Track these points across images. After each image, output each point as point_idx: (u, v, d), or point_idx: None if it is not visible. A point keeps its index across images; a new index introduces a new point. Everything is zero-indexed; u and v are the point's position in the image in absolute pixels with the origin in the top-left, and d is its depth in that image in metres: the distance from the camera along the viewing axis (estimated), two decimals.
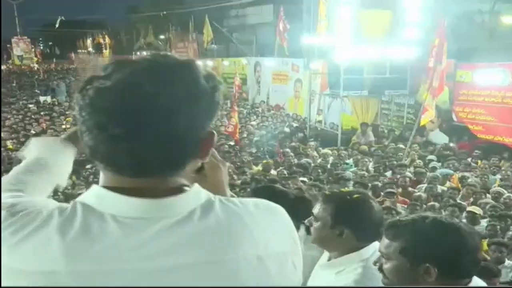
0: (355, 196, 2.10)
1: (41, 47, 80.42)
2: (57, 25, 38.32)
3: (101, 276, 0.84)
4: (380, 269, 1.75)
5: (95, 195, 0.92)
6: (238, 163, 10.72)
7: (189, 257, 0.88)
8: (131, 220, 0.88)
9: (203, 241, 0.90)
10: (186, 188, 0.95)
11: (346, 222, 2.05)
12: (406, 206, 7.20)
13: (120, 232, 0.87)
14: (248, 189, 5.90)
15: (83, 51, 71.99)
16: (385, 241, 1.72)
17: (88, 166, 9.34)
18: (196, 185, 0.97)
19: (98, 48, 66.40)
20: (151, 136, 0.87)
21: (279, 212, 1.06)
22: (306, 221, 2.18)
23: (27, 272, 0.83)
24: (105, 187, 0.93)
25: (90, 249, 0.85)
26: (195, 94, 0.90)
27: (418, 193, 7.83)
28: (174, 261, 0.87)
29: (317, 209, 2.13)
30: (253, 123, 17.84)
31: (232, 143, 13.44)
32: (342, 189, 2.31)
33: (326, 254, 2.20)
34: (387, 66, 13.90)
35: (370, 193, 7.72)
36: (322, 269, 2.16)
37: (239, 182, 8.79)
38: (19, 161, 1.08)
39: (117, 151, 0.88)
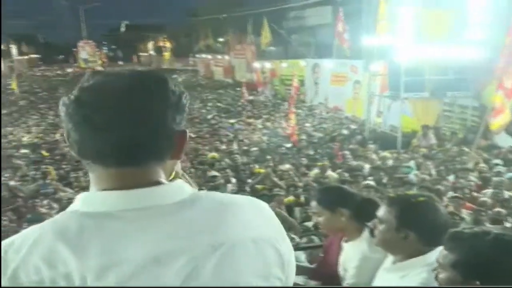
0: (421, 198, 2.06)
1: (105, 50, 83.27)
2: (122, 29, 39.52)
3: (113, 268, 0.90)
4: (436, 278, 1.73)
5: (82, 200, 1.00)
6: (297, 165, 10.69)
7: (187, 241, 0.96)
8: (122, 213, 0.96)
9: (198, 226, 0.98)
10: (168, 182, 1.05)
11: (411, 225, 2.02)
12: (471, 211, 6.96)
13: (116, 225, 0.94)
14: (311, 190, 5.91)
15: (144, 54, 74.08)
16: (443, 251, 1.69)
17: None
18: (179, 180, 1.08)
19: (159, 50, 68.10)
20: (130, 129, 0.97)
21: (263, 204, 1.13)
22: (370, 223, 2.16)
23: (44, 281, 0.89)
24: (97, 189, 1.02)
25: (94, 245, 0.91)
26: (165, 91, 1.03)
27: (483, 199, 7.53)
28: (174, 246, 0.95)
29: (382, 211, 2.11)
30: (311, 124, 17.78)
31: (289, 145, 13.44)
32: (407, 192, 2.26)
33: (390, 257, 2.17)
34: (449, 67, 13.50)
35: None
36: (387, 272, 2.13)
37: (300, 184, 8.81)
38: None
39: (102, 142, 0.97)
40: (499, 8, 12.25)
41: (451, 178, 9.13)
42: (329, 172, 9.63)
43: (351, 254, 2.43)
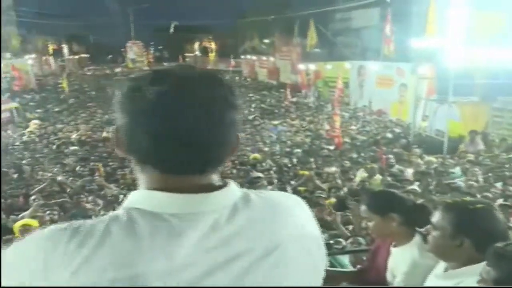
0: (479, 205, 2.01)
1: (152, 51, 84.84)
2: (171, 30, 40.14)
3: (176, 272, 0.88)
4: None
5: (142, 197, 0.97)
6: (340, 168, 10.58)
7: (245, 244, 0.95)
8: (185, 215, 0.94)
9: (254, 228, 0.98)
10: (221, 184, 1.03)
11: (467, 232, 1.96)
12: None
13: (181, 228, 0.92)
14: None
15: (190, 54, 75.00)
16: (486, 267, 1.63)
17: None
18: (231, 181, 1.04)
19: (204, 51, 68.81)
20: (204, 134, 0.95)
21: (302, 202, 1.14)
22: (423, 229, 2.11)
23: (110, 281, 0.85)
24: (149, 189, 0.98)
25: (163, 247, 0.89)
26: (236, 97, 1.00)
27: None
28: (235, 250, 0.94)
29: (436, 217, 2.05)
30: (354, 127, 17.59)
31: (331, 147, 13.33)
32: (464, 198, 2.20)
33: (442, 264, 2.12)
34: (500, 71, 13.12)
35: None
36: (438, 279, 2.08)
37: (343, 187, 8.72)
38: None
39: (165, 150, 0.94)
40: None
41: (499, 185, 8.85)
42: (376, 175, 9.50)
43: (400, 260, 2.38)
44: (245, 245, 0.95)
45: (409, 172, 10.00)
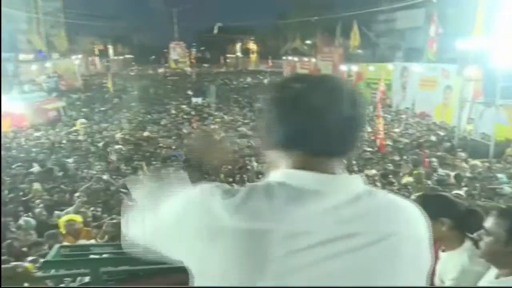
0: None
1: (194, 52, 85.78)
2: (215, 31, 40.60)
3: (296, 236, 1.06)
4: None
5: (285, 174, 1.16)
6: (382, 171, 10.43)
7: (363, 227, 1.10)
8: (320, 192, 1.11)
9: (373, 216, 1.12)
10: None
11: None
12: None
13: (314, 201, 1.10)
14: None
15: (232, 55, 75.52)
16: None
17: None
18: (358, 175, 1.21)
19: (246, 52, 69.16)
20: (338, 125, 1.13)
21: (419, 210, 1.24)
22: (475, 234, 2.07)
23: (242, 230, 1.06)
24: (290, 168, 1.17)
25: (294, 213, 1.07)
26: (360, 97, 1.18)
27: None
28: (354, 229, 1.09)
29: (490, 223, 2.01)
30: (396, 130, 17.31)
31: (372, 149, 13.16)
32: None
33: (493, 271, 2.06)
34: None
35: None
36: (490, 286, 2.03)
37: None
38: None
39: (311, 135, 1.14)
40: None
41: None
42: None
43: (450, 265, 2.33)
44: (360, 228, 1.09)
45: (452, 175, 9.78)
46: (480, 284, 2.07)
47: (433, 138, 15.53)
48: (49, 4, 40.45)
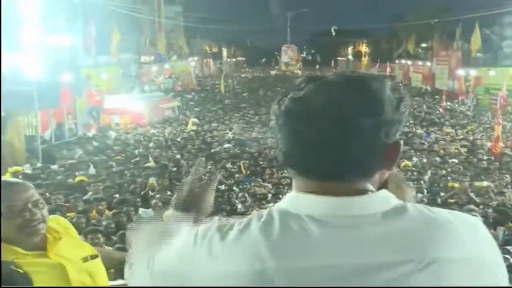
0: None
1: (305, 55, 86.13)
2: (333, 34, 40.72)
3: (309, 273, 0.88)
4: None
5: (289, 199, 0.99)
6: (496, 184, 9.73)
7: (388, 255, 0.89)
8: (327, 218, 0.92)
9: (405, 240, 0.91)
10: (372, 191, 0.97)
11: None
12: None
13: (320, 230, 0.91)
14: None
15: (343, 58, 74.80)
16: None
17: None
18: (384, 190, 0.98)
19: (358, 55, 68.16)
20: (339, 146, 0.92)
21: (478, 223, 1.02)
22: None
23: (240, 274, 0.89)
24: (297, 192, 0.99)
25: (295, 247, 0.90)
26: (380, 103, 0.94)
27: None
28: (376, 259, 0.88)
29: None
30: None
31: (489, 157, 12.35)
32: None
33: None
34: None
35: None
36: None
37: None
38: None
39: (307, 157, 0.94)
40: None
41: None
42: None
43: None
44: (389, 257, 0.89)
45: None
46: None
47: None
48: (170, 9, 42.66)
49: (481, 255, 0.94)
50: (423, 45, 44.10)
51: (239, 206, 8.20)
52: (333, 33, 37.59)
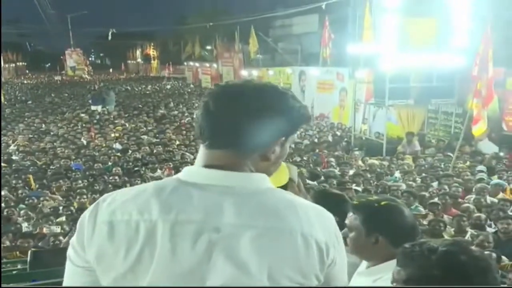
0: (384, 202, 2.11)
1: (93, 58, 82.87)
2: (109, 37, 39.34)
3: (184, 224, 1.17)
4: None
5: (183, 171, 1.29)
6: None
7: (244, 219, 1.18)
8: (208, 186, 1.22)
9: (257, 210, 1.20)
10: (252, 171, 1.27)
11: (379, 229, 2.06)
12: (452, 217, 7.03)
13: (199, 193, 1.21)
14: None
15: (132, 61, 73.80)
16: (396, 267, 1.61)
17: None
18: (262, 174, 1.29)
19: (147, 58, 67.87)
20: (231, 117, 1.23)
21: (327, 214, 1.30)
22: (342, 232, 2.18)
23: (133, 221, 1.20)
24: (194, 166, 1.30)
25: (178, 204, 1.19)
26: (269, 106, 1.27)
27: (466, 204, 7.59)
28: (239, 222, 1.17)
29: (348, 219, 2.15)
30: (297, 132, 17.71)
31: None
32: (369, 198, 2.29)
33: (365, 262, 2.21)
34: (433, 74, 13.71)
35: (418, 203, 7.63)
36: (360, 277, 2.16)
37: None
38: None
39: (205, 125, 1.26)
40: (481, 16, 12.41)
41: (435, 184, 9.20)
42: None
43: None
44: (247, 222, 1.17)
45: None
46: (354, 275, 2.20)
47: (330, 138, 16.14)
48: None
49: (316, 233, 1.21)
50: (208, 47, 45.71)
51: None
52: (109, 37, 36.83)
